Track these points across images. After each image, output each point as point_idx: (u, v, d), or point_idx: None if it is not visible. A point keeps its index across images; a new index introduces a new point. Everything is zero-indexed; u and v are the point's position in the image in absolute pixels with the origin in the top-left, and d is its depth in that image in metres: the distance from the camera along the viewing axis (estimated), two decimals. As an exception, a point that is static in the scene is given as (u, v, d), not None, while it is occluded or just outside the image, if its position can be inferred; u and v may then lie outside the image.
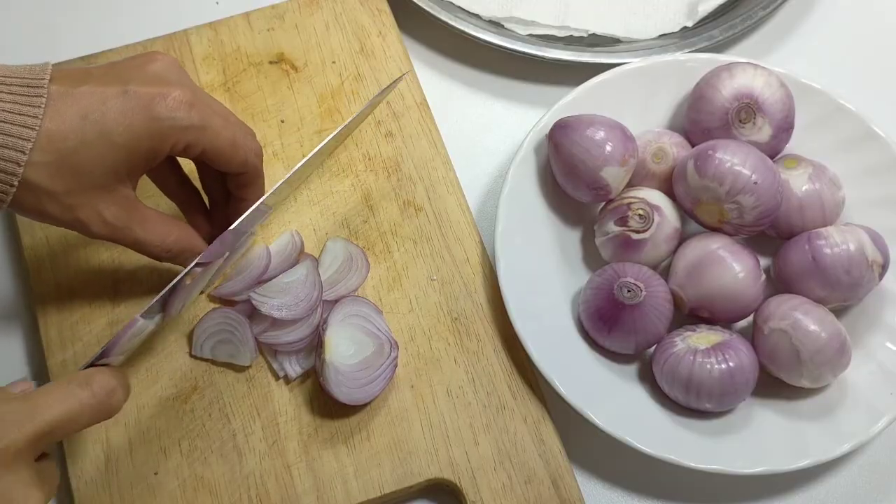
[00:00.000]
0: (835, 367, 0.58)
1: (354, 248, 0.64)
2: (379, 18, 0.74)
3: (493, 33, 0.73)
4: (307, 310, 0.60)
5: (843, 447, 0.57)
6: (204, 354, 0.61)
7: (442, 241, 0.65)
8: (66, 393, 0.49)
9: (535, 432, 0.59)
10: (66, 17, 0.78)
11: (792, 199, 0.62)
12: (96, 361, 0.52)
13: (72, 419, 0.48)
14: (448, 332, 0.62)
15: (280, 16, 0.73)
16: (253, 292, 0.61)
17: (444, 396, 0.60)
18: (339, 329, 0.59)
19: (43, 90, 0.52)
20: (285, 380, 0.60)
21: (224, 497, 0.57)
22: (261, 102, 0.70)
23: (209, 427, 0.59)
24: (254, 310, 0.61)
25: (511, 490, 0.57)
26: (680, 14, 0.76)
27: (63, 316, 0.62)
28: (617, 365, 0.61)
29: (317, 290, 0.60)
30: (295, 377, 0.60)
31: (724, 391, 0.57)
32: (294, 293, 0.60)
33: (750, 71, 0.64)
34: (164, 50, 0.71)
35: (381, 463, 0.58)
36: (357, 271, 0.63)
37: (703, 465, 0.56)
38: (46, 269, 0.64)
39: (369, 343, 0.59)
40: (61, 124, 0.52)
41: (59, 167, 0.53)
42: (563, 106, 0.66)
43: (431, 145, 0.68)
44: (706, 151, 0.60)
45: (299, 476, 0.58)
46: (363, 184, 0.67)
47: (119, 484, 0.58)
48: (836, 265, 0.59)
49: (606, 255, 0.63)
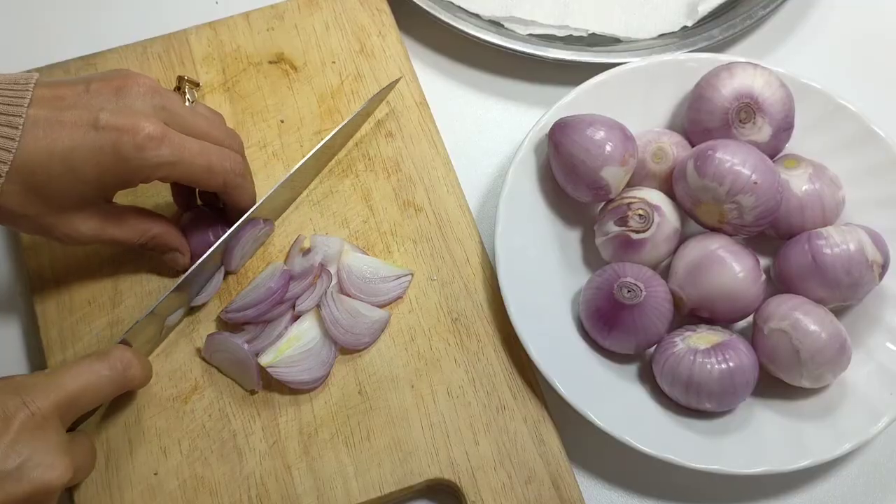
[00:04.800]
0: (835, 368, 0.58)
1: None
2: (379, 18, 0.73)
3: (493, 33, 0.73)
4: (327, 369, 0.60)
5: (843, 447, 0.57)
6: (212, 362, 0.61)
7: (442, 241, 0.65)
8: (85, 366, 0.53)
9: (535, 432, 0.59)
10: (66, 16, 0.78)
11: (792, 199, 0.62)
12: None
13: (93, 389, 0.53)
14: (448, 333, 0.62)
15: (280, 16, 0.73)
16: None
17: (444, 396, 0.60)
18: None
19: (21, 118, 0.52)
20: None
21: (224, 497, 0.57)
22: (260, 102, 0.70)
23: (209, 427, 0.59)
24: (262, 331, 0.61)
25: (511, 490, 0.57)
26: (680, 14, 0.76)
27: (63, 315, 0.62)
28: (617, 365, 0.61)
29: (333, 352, 0.60)
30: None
31: (724, 391, 0.57)
32: (311, 359, 0.60)
33: (750, 71, 0.64)
34: (164, 50, 0.71)
35: (382, 463, 0.58)
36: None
37: (703, 465, 0.56)
38: (46, 269, 0.64)
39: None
40: (29, 158, 0.52)
41: (28, 195, 0.53)
42: (563, 106, 0.66)
43: (431, 145, 0.68)
44: (706, 151, 0.60)
45: (299, 476, 0.58)
46: (363, 184, 0.67)
47: (119, 484, 0.57)
48: (836, 265, 0.59)
49: (606, 255, 0.63)
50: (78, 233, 0.57)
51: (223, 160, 0.58)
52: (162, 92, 0.56)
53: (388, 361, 0.61)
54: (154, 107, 0.55)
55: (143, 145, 0.53)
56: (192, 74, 0.70)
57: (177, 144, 0.55)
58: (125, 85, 0.55)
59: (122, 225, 0.59)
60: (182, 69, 0.71)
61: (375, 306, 0.62)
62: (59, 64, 0.71)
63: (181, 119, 0.56)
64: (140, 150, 0.53)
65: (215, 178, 0.58)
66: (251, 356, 0.59)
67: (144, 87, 0.55)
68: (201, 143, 0.57)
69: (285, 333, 0.60)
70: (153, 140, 0.54)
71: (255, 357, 0.59)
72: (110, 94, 0.54)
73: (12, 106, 0.52)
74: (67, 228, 0.56)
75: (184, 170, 0.56)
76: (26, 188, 0.53)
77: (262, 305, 0.60)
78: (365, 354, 0.61)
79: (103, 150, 0.53)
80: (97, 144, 0.53)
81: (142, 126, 0.53)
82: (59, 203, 0.55)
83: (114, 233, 0.58)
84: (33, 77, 0.54)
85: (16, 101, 0.52)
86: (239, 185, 0.60)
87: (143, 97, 0.55)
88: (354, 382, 0.60)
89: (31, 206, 0.54)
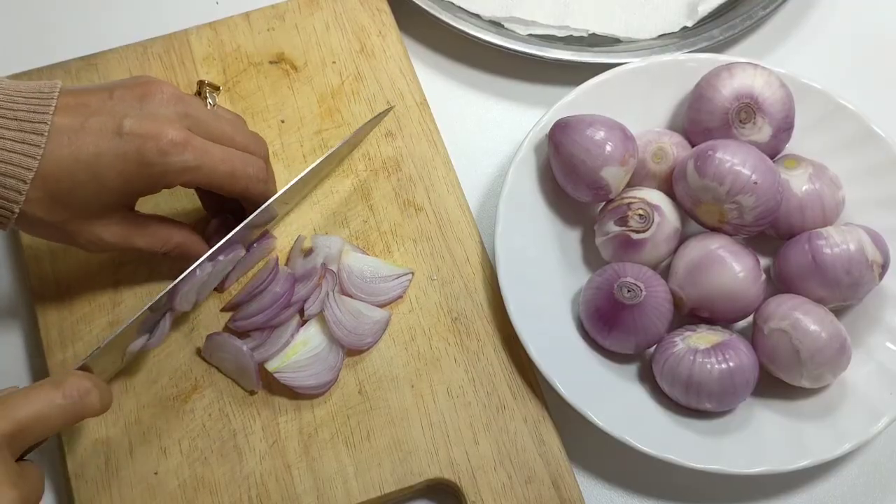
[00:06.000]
0: (835, 367, 0.58)
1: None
2: (379, 18, 0.73)
3: (493, 33, 0.73)
4: (334, 374, 0.60)
5: (843, 447, 0.57)
6: (212, 362, 0.61)
7: (442, 240, 0.65)
8: (38, 394, 0.49)
9: (535, 432, 0.59)
10: (66, 16, 0.78)
11: (792, 199, 0.62)
12: (88, 360, 0.54)
13: (45, 419, 0.49)
14: (448, 332, 0.62)
15: (280, 16, 0.73)
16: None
17: (444, 396, 0.60)
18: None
19: (46, 125, 0.52)
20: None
21: (224, 497, 0.57)
22: (261, 102, 0.70)
23: (209, 427, 0.59)
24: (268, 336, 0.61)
25: (511, 490, 0.57)
26: (680, 14, 0.76)
27: (63, 316, 0.62)
28: (617, 365, 0.61)
29: (340, 357, 0.60)
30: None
31: (724, 391, 0.57)
32: (318, 364, 0.60)
33: (750, 71, 0.64)
34: (165, 50, 0.71)
35: (382, 463, 0.58)
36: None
37: (703, 465, 0.56)
38: (46, 269, 0.64)
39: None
40: (55, 166, 0.53)
41: (53, 203, 0.54)
42: (563, 106, 0.66)
43: (431, 145, 0.68)
44: (706, 151, 0.60)
45: (299, 476, 0.58)
46: (363, 184, 0.67)
47: (119, 484, 0.57)
48: (836, 265, 0.59)
49: (606, 255, 0.63)
50: (101, 240, 0.57)
51: (246, 166, 0.58)
52: (185, 98, 0.57)
53: (387, 361, 0.61)
54: (178, 113, 0.55)
55: (167, 150, 0.54)
56: (192, 74, 0.70)
57: (200, 150, 0.55)
58: (149, 92, 0.55)
59: (145, 233, 0.59)
60: (182, 69, 0.71)
61: (376, 306, 0.62)
62: (59, 64, 0.70)
63: (205, 125, 0.57)
64: (164, 156, 0.54)
65: (238, 184, 0.58)
66: (250, 357, 0.59)
67: (168, 93, 0.56)
68: (224, 149, 0.57)
69: (292, 340, 0.60)
70: (177, 146, 0.54)
71: (254, 358, 0.59)
72: (134, 100, 0.55)
73: (38, 114, 0.52)
74: (91, 235, 0.56)
75: (207, 175, 0.56)
76: (51, 195, 0.53)
77: (270, 311, 0.60)
78: (365, 354, 0.61)
79: (127, 156, 0.53)
80: (121, 151, 0.53)
81: (165, 132, 0.54)
82: (84, 210, 0.55)
83: (137, 241, 0.58)
84: (57, 85, 0.54)
85: (41, 108, 0.53)
86: (261, 191, 0.60)
87: (166, 104, 0.55)
88: (354, 382, 0.60)
89: (56, 213, 0.54)
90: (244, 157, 0.58)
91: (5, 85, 0.53)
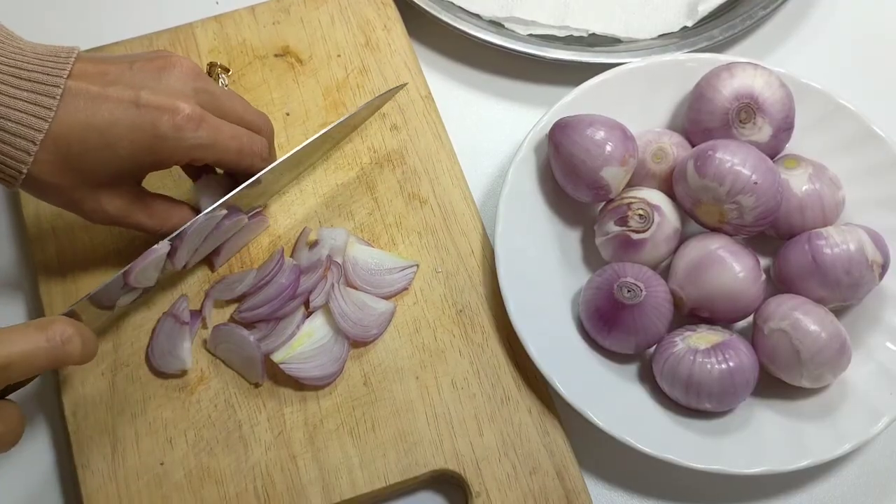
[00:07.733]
0: (835, 367, 0.58)
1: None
2: (384, 12, 0.74)
3: (493, 33, 0.73)
4: (340, 365, 0.60)
5: (843, 447, 0.57)
6: (217, 353, 0.61)
7: (447, 233, 0.65)
8: (22, 334, 0.49)
9: (539, 423, 0.59)
10: (72, 9, 0.78)
11: (792, 199, 0.62)
12: (74, 307, 0.55)
13: (25, 359, 0.49)
14: (453, 324, 0.62)
15: (285, 9, 0.73)
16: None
17: (448, 387, 0.60)
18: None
19: (59, 88, 0.53)
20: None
21: (230, 487, 0.57)
22: (266, 95, 0.70)
23: (215, 417, 0.59)
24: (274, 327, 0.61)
25: (515, 480, 0.57)
26: (680, 14, 0.76)
27: (68, 304, 0.62)
28: (617, 365, 0.61)
29: (346, 348, 0.60)
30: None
31: (724, 391, 0.57)
32: (323, 355, 0.60)
33: (750, 71, 0.64)
34: (170, 43, 0.71)
35: (386, 453, 0.58)
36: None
37: (703, 465, 0.56)
38: (52, 258, 0.64)
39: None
40: (68, 130, 0.53)
41: (63, 166, 0.54)
42: (563, 106, 0.66)
43: (436, 138, 0.69)
44: (706, 151, 0.60)
45: (304, 466, 0.58)
46: (368, 176, 0.67)
47: (125, 474, 0.58)
48: (836, 265, 0.59)
49: (606, 255, 0.63)
50: (104, 211, 0.57)
51: (252, 144, 0.59)
52: (203, 75, 0.57)
53: (392, 353, 0.61)
54: (195, 89, 0.56)
55: (182, 126, 0.54)
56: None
57: (213, 127, 0.56)
58: (167, 65, 0.56)
59: (148, 211, 0.59)
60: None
61: (381, 298, 0.62)
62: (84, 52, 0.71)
63: (219, 102, 0.57)
64: (178, 131, 0.54)
65: (243, 162, 0.59)
66: (257, 348, 0.59)
67: (186, 68, 0.56)
68: (234, 127, 0.58)
69: (297, 331, 0.60)
70: (192, 121, 0.55)
71: (260, 349, 0.59)
72: (153, 72, 0.55)
73: (51, 76, 0.53)
74: (95, 204, 0.57)
75: (217, 152, 0.57)
76: (60, 158, 0.53)
77: (275, 302, 0.60)
78: (370, 346, 0.61)
79: (142, 127, 0.54)
80: (136, 122, 0.54)
81: (181, 107, 0.54)
82: (92, 177, 0.55)
83: (139, 218, 0.59)
84: (75, 50, 0.54)
85: (55, 71, 0.53)
86: (263, 168, 0.61)
87: (184, 79, 0.56)
88: (359, 373, 0.60)
89: (63, 177, 0.54)
90: (251, 136, 0.59)
91: (23, 45, 0.54)
